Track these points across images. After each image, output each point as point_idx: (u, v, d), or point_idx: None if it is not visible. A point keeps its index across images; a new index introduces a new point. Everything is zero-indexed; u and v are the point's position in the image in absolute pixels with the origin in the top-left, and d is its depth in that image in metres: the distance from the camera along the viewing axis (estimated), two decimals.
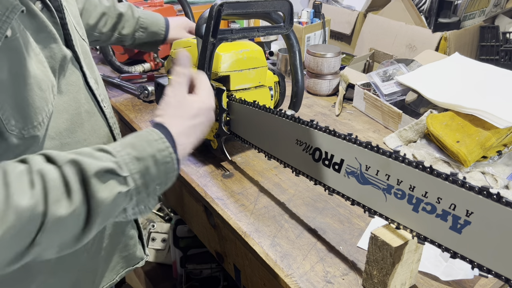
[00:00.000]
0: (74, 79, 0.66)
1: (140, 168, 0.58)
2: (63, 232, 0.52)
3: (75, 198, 0.51)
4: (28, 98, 0.54)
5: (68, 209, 0.51)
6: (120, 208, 0.58)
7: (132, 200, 0.59)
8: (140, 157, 0.58)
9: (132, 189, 0.57)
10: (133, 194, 0.58)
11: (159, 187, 0.61)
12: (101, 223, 0.56)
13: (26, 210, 0.47)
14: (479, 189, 0.53)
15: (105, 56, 1.52)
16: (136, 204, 0.60)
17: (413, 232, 0.62)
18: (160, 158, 0.60)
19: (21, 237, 0.48)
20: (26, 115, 0.54)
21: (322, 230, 0.83)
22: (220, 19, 0.86)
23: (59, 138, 0.62)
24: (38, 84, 0.55)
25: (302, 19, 1.71)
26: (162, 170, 0.60)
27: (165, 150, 0.61)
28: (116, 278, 0.84)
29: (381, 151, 0.64)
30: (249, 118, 0.92)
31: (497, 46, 1.66)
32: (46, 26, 0.58)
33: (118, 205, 0.57)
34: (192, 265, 1.75)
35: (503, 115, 0.98)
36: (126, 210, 0.60)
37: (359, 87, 1.33)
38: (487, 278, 0.72)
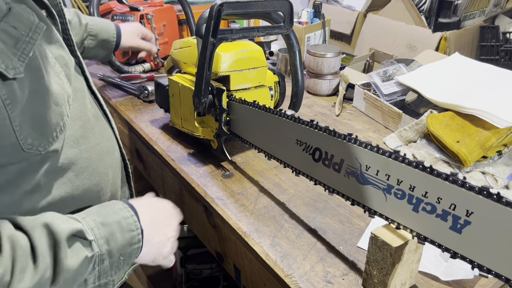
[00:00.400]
0: (79, 85, 0.66)
1: (105, 234, 0.58)
2: None
3: (40, 265, 0.51)
4: (45, 116, 0.54)
5: (33, 280, 0.50)
6: (82, 279, 0.56)
7: (95, 270, 0.57)
8: (105, 223, 0.59)
9: (96, 256, 0.56)
10: (96, 263, 0.57)
11: (122, 258, 0.60)
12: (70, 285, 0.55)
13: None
14: (479, 189, 0.53)
15: None
16: (98, 276, 0.59)
17: (413, 232, 0.62)
18: (125, 226, 0.60)
19: None
20: (42, 133, 0.54)
21: (322, 230, 0.83)
22: (220, 19, 0.86)
23: (77, 145, 0.62)
24: (55, 100, 0.55)
25: (302, 19, 1.71)
26: (127, 239, 0.60)
27: (129, 218, 0.61)
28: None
29: (381, 151, 0.64)
30: (249, 118, 0.92)
31: (497, 46, 1.66)
32: (55, 35, 0.58)
33: (81, 273, 0.55)
34: (192, 265, 1.75)
35: (503, 115, 0.98)
36: (86, 282, 0.58)
37: (359, 87, 1.33)
38: (487, 278, 0.72)
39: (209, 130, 1.04)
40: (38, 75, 0.52)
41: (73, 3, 3.10)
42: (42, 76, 0.53)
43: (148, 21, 1.56)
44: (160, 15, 1.61)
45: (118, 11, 1.60)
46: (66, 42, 0.64)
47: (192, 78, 1.02)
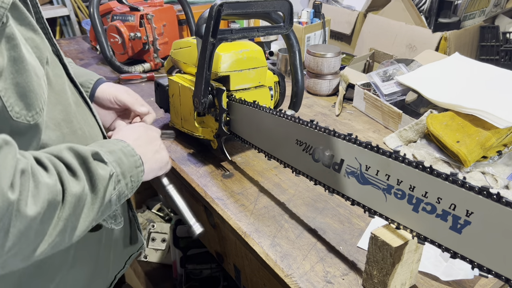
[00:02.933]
0: (58, 72, 0.67)
1: (115, 158, 0.64)
2: (79, 209, 0.55)
3: (80, 175, 0.56)
4: (28, 84, 0.54)
5: (79, 187, 0.55)
6: (110, 193, 0.61)
7: (115, 190, 0.62)
8: (111, 151, 0.65)
9: (113, 175, 0.62)
10: (115, 182, 0.62)
11: (133, 180, 0.67)
12: (102, 205, 0.60)
13: (52, 186, 0.52)
14: (479, 189, 0.53)
15: (105, 56, 1.52)
16: (118, 196, 0.64)
17: (413, 232, 0.62)
18: (127, 152, 0.67)
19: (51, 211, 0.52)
20: (29, 102, 0.55)
21: (322, 230, 0.83)
22: (220, 19, 0.86)
23: (59, 129, 0.64)
24: (34, 70, 0.56)
25: (302, 19, 1.71)
26: (131, 162, 0.67)
27: (128, 146, 0.68)
28: (126, 266, 0.88)
29: (381, 151, 0.64)
30: (249, 118, 0.92)
31: (497, 46, 1.66)
32: (27, 17, 0.59)
33: (109, 188, 0.61)
34: (192, 265, 1.75)
35: (503, 115, 0.98)
36: (111, 201, 0.63)
37: (359, 87, 1.33)
38: (487, 278, 0.72)
39: (209, 130, 1.04)
40: (13, 43, 0.52)
41: (73, 3, 3.10)
42: (18, 45, 0.53)
43: (148, 21, 1.56)
44: (160, 15, 1.61)
45: (118, 11, 1.60)
46: (43, 31, 0.65)
47: (192, 78, 1.02)
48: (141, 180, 0.70)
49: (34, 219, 0.49)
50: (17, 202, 0.47)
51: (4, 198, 0.45)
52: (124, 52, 1.58)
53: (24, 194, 0.48)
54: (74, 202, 0.54)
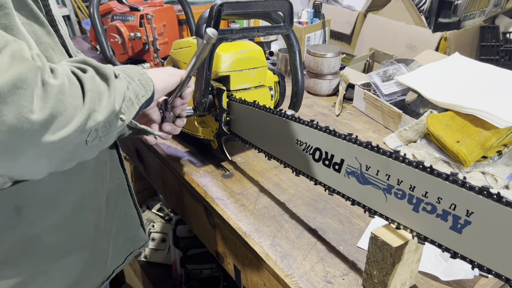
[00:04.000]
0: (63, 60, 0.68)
1: (116, 68, 0.67)
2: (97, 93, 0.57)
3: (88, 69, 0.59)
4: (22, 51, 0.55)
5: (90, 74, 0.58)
6: (124, 89, 0.64)
7: (129, 89, 0.66)
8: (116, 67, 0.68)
9: (121, 76, 0.65)
10: (126, 82, 0.66)
11: (141, 82, 0.70)
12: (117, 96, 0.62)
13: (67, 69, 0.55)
14: (479, 189, 0.53)
15: (105, 56, 1.52)
16: (137, 96, 0.67)
17: (413, 232, 0.62)
18: (129, 66, 0.71)
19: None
20: None
21: (322, 230, 0.83)
22: (220, 19, 0.86)
23: None
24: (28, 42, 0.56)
25: (302, 19, 1.71)
26: (136, 72, 0.70)
27: (128, 65, 0.72)
28: (125, 262, 0.88)
29: (381, 151, 0.64)
30: (249, 118, 0.92)
31: (497, 46, 1.66)
32: (27, 5, 0.60)
33: (121, 85, 0.64)
34: (192, 265, 1.75)
35: (503, 115, 0.98)
36: (131, 98, 0.66)
37: (359, 87, 1.33)
38: (487, 278, 0.72)
39: (209, 130, 1.04)
40: (5, 11, 0.53)
41: (73, 3, 3.10)
42: (10, 14, 0.53)
43: (148, 21, 1.56)
44: (160, 15, 1.61)
45: (118, 11, 1.60)
46: (51, 24, 0.66)
47: (192, 78, 1.02)
48: (151, 83, 0.72)
49: (63, 85, 0.52)
50: (42, 71, 0.49)
51: (31, 62, 0.48)
52: (124, 52, 1.58)
53: (47, 68, 0.51)
54: (91, 79, 0.57)
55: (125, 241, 0.87)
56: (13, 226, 0.63)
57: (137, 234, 0.90)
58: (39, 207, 0.65)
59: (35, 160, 0.52)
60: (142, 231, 0.92)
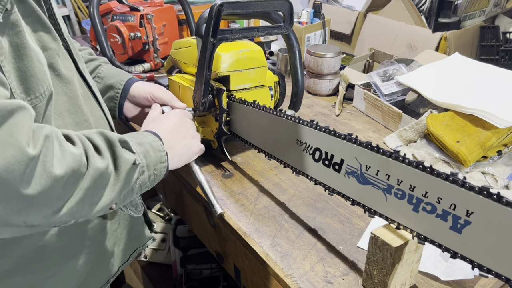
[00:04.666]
0: (68, 65, 0.69)
1: (142, 150, 0.68)
2: (100, 185, 0.58)
3: (105, 155, 0.59)
4: (30, 69, 0.56)
5: (103, 163, 0.58)
6: (133, 181, 0.65)
7: (138, 180, 0.66)
8: (140, 143, 0.68)
9: (139, 166, 0.65)
10: (140, 172, 0.66)
11: (156, 173, 0.70)
12: (122, 189, 0.62)
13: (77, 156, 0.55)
14: (479, 189, 0.53)
15: (105, 56, 1.52)
16: (140, 186, 0.67)
17: (413, 232, 0.62)
18: (155, 146, 0.71)
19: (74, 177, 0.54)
20: (29, 86, 0.56)
21: (322, 230, 0.83)
22: (220, 19, 0.86)
23: (61, 118, 0.67)
24: (37, 57, 0.58)
25: (302, 19, 1.71)
26: (158, 157, 0.70)
27: (156, 142, 0.72)
28: (130, 259, 0.89)
29: (381, 151, 0.64)
30: (249, 118, 0.92)
31: (497, 46, 1.66)
32: (34, 11, 0.61)
33: (133, 175, 0.64)
34: (192, 265, 1.75)
35: (503, 115, 0.98)
36: (133, 189, 0.66)
37: (359, 87, 1.33)
38: (487, 278, 0.72)
39: (209, 130, 1.04)
40: (17, 30, 0.54)
41: (73, 3, 3.10)
42: (21, 32, 0.55)
43: (148, 21, 1.56)
44: (160, 15, 1.61)
45: (118, 11, 1.60)
46: (54, 27, 0.67)
47: (192, 78, 1.02)
48: (163, 175, 0.73)
49: (58, 180, 0.51)
50: (43, 161, 0.49)
51: (22, 152, 0.47)
52: (124, 52, 1.58)
53: (49, 156, 0.50)
54: (96, 176, 0.57)
55: (130, 239, 0.88)
56: (21, 238, 0.64)
57: (141, 232, 0.91)
58: None
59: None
60: (147, 228, 0.93)
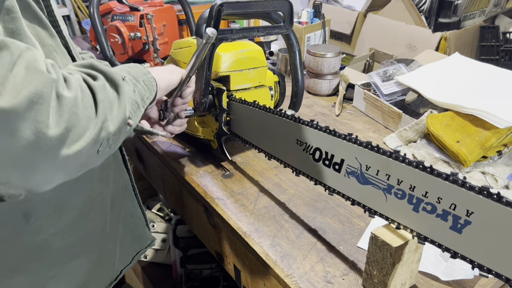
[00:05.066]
0: (67, 62, 0.69)
1: (121, 68, 0.68)
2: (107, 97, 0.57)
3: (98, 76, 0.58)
4: None
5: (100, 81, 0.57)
6: (131, 93, 0.64)
7: (135, 92, 0.65)
8: (120, 67, 0.68)
9: (127, 79, 0.65)
10: (132, 85, 0.65)
11: (146, 83, 0.69)
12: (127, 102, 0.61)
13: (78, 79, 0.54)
14: (479, 189, 0.53)
15: (105, 56, 1.52)
16: (142, 98, 0.67)
17: (413, 232, 0.62)
18: (132, 65, 0.71)
19: None
20: None
21: (322, 230, 0.83)
22: (220, 19, 0.86)
23: None
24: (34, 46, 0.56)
25: (302, 19, 1.71)
26: (139, 70, 0.70)
27: (132, 64, 0.72)
28: (133, 261, 0.89)
29: (381, 151, 0.64)
30: (249, 118, 0.92)
31: (497, 46, 1.66)
32: (30, 6, 0.60)
33: (128, 88, 0.64)
34: (192, 265, 1.75)
35: (503, 115, 0.98)
36: (137, 102, 0.66)
37: (359, 87, 1.33)
38: (487, 278, 0.72)
39: (209, 130, 1.04)
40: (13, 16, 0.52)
41: (73, 2, 3.10)
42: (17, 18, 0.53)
43: (148, 21, 1.56)
44: (160, 15, 1.61)
45: (118, 11, 1.60)
46: (52, 24, 0.67)
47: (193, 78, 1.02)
48: (155, 85, 0.72)
49: (74, 99, 0.51)
50: (56, 84, 0.49)
51: (46, 75, 0.47)
52: (124, 52, 1.58)
53: (61, 80, 0.50)
54: (102, 88, 0.56)
55: (132, 241, 0.87)
56: (22, 233, 0.64)
57: (143, 234, 0.91)
58: (47, 212, 0.65)
59: (51, 173, 0.51)
60: (148, 230, 0.93)
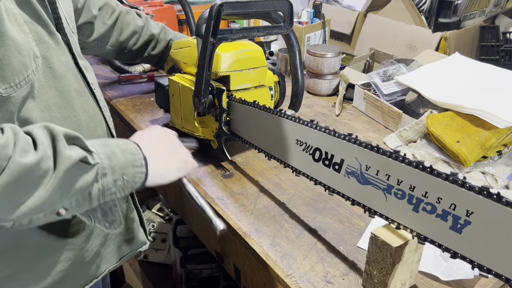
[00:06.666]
0: (65, 60, 0.69)
1: (106, 151, 0.61)
2: (26, 183, 0.52)
3: (40, 148, 0.53)
4: (6, 58, 0.55)
5: (34, 158, 0.52)
6: (86, 183, 0.58)
7: (98, 183, 0.59)
8: (106, 144, 0.62)
9: (98, 167, 0.59)
10: (99, 175, 0.59)
11: (126, 179, 0.63)
12: (65, 190, 0.56)
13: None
14: (479, 189, 0.53)
15: None
16: (102, 191, 0.60)
17: (413, 232, 0.62)
18: (126, 149, 0.64)
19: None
20: (4, 75, 0.56)
21: (322, 230, 0.83)
22: (220, 19, 0.86)
23: (48, 112, 0.65)
24: (16, 47, 0.57)
25: (302, 19, 1.71)
26: (129, 159, 0.63)
27: (129, 144, 0.66)
28: (120, 262, 0.86)
29: (381, 151, 0.64)
30: (249, 118, 0.92)
31: (497, 46, 1.66)
32: (30, 3, 0.61)
33: (83, 176, 0.57)
34: (192, 265, 1.75)
35: (503, 115, 0.98)
36: (91, 194, 0.59)
37: (359, 87, 1.33)
38: (487, 278, 0.72)
39: (209, 130, 1.04)
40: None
41: None
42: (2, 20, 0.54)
43: None
44: (160, 15, 1.61)
45: None
46: (56, 21, 0.67)
47: (192, 78, 1.02)
48: (140, 182, 0.66)
49: None
50: None
51: None
52: None
53: None
54: (18, 171, 0.51)
55: (122, 242, 0.85)
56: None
57: (135, 236, 0.88)
58: None
59: None
60: (142, 232, 0.90)
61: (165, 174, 0.73)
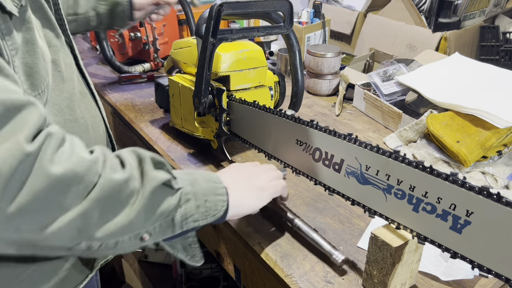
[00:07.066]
0: (69, 61, 0.70)
1: (189, 178, 0.60)
2: (114, 200, 0.51)
3: (128, 167, 0.54)
4: (36, 65, 0.56)
5: (122, 176, 0.52)
6: (170, 207, 0.56)
7: (181, 208, 0.58)
8: (188, 173, 0.62)
9: (181, 192, 0.58)
10: (182, 200, 0.58)
11: (209, 205, 0.61)
12: (149, 213, 0.54)
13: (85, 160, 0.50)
14: (479, 189, 0.53)
15: (105, 56, 1.52)
16: (185, 217, 0.59)
17: (413, 232, 0.62)
18: (207, 177, 0.63)
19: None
20: (34, 82, 0.56)
21: (322, 230, 0.83)
22: (220, 19, 0.86)
23: (61, 115, 0.65)
24: (42, 54, 0.58)
25: (302, 19, 1.71)
26: (211, 187, 0.62)
27: (210, 174, 0.65)
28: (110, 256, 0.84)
29: (381, 151, 0.64)
30: (249, 118, 0.92)
31: (497, 46, 1.66)
32: (42, 7, 0.62)
33: (167, 199, 0.56)
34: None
35: (503, 115, 0.98)
36: (174, 220, 0.58)
37: (359, 87, 1.33)
38: (487, 278, 0.72)
39: (209, 130, 1.04)
40: (28, 26, 0.55)
41: None
42: (32, 28, 0.55)
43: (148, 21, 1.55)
44: None
45: None
46: (58, 22, 0.68)
47: (192, 78, 1.02)
48: (222, 210, 0.63)
49: (57, 181, 0.46)
50: (40, 158, 0.45)
51: (18, 147, 0.43)
52: (124, 52, 1.58)
53: (48, 153, 0.46)
54: (109, 187, 0.50)
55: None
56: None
57: None
58: None
59: None
60: None
61: (242, 203, 0.69)
